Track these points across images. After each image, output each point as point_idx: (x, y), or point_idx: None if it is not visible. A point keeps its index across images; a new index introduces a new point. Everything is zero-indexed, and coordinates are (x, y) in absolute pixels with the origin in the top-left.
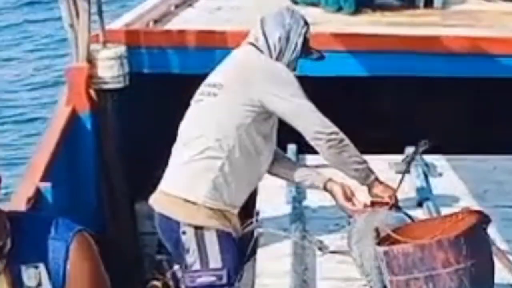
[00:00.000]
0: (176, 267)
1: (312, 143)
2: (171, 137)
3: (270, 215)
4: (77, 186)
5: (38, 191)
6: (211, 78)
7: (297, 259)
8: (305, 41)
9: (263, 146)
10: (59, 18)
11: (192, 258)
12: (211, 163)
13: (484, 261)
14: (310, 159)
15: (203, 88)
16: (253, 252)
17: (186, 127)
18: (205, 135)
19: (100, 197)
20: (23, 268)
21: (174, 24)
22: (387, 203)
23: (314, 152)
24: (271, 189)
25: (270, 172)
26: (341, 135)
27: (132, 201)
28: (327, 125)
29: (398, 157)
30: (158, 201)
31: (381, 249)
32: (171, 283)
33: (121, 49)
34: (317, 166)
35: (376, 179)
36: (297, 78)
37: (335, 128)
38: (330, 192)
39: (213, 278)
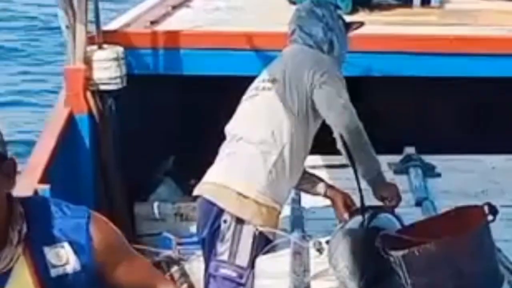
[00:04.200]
0: (174, 268)
1: (333, 123)
2: (169, 138)
3: None
4: (75, 188)
5: (36, 193)
6: (264, 74)
7: (296, 260)
8: (343, 21)
9: (310, 143)
10: None
11: (223, 247)
12: (266, 158)
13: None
14: None
15: (257, 83)
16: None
17: (241, 122)
18: (260, 129)
19: (98, 198)
20: (46, 249)
21: (171, 25)
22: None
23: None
24: None
25: None
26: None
27: (131, 203)
28: (353, 113)
29: (397, 158)
30: (206, 190)
31: (399, 253)
32: None
33: (118, 50)
34: (311, 167)
35: (383, 179)
36: None
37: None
38: (331, 199)
39: (234, 274)
